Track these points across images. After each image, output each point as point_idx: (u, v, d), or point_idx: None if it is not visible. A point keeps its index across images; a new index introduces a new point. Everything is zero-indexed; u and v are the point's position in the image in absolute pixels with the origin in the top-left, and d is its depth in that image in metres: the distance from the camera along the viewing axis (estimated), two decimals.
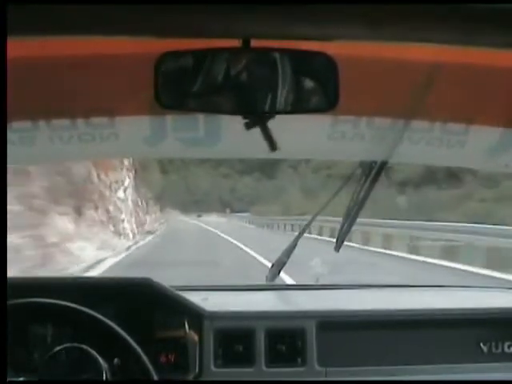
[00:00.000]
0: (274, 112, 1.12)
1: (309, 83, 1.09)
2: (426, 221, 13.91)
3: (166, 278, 1.86)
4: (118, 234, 18.38)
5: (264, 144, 1.67)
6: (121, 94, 1.43)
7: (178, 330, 1.58)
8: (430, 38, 0.74)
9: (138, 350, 1.43)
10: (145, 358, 1.43)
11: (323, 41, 0.82)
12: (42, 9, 0.67)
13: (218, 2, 0.67)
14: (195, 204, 41.32)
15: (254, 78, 1.04)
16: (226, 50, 1.00)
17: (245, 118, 1.15)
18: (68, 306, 1.45)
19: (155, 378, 1.43)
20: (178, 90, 1.07)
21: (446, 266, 10.04)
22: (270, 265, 1.96)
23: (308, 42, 0.88)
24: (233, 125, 1.31)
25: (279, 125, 1.40)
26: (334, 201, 1.90)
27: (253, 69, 1.03)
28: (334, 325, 1.65)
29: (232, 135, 1.52)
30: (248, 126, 1.17)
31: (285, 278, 4.24)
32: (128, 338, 1.44)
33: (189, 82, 1.07)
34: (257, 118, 1.17)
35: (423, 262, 10.96)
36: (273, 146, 1.35)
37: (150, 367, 1.43)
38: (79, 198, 14.83)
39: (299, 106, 1.10)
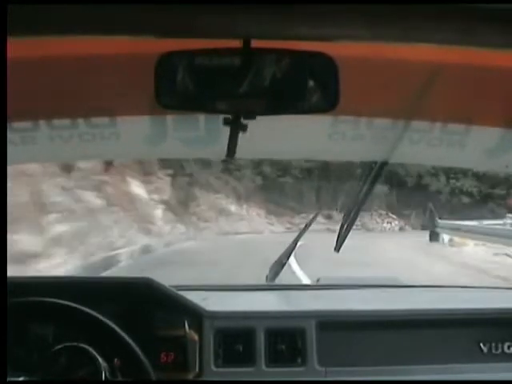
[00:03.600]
0: (274, 112, 1.12)
1: (309, 83, 1.09)
2: None
3: None
4: None
5: (264, 144, 1.67)
6: (121, 94, 1.43)
7: (178, 330, 1.58)
8: (430, 38, 0.74)
9: (138, 349, 1.43)
10: (144, 357, 1.43)
11: (323, 41, 0.82)
12: (42, 9, 0.67)
13: (219, 3, 0.67)
14: None
15: (254, 78, 1.04)
16: (226, 51, 0.99)
17: (245, 118, 1.15)
18: (68, 306, 1.45)
19: (155, 377, 1.43)
20: (179, 90, 1.06)
21: None
22: None
23: (308, 42, 0.88)
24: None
25: (279, 125, 1.40)
26: None
27: (253, 69, 1.03)
28: (334, 325, 1.64)
29: None
30: (246, 127, 1.18)
31: None
32: (127, 337, 1.44)
33: (189, 82, 1.06)
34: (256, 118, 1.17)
35: None
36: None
37: (150, 367, 1.43)
38: None
39: (299, 106, 1.10)
